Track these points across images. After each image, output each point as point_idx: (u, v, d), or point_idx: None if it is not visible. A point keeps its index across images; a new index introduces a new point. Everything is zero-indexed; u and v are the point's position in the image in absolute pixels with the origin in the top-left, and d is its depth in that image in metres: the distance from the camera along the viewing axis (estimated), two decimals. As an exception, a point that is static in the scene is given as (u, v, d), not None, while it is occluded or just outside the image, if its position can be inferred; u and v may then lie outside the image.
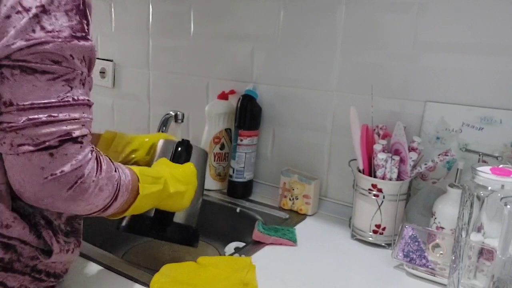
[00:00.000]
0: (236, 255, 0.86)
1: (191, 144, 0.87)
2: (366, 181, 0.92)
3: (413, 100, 0.97)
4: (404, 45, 0.96)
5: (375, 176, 0.92)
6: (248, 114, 1.14)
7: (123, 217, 0.77)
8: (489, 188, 0.65)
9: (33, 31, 0.51)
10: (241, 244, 1.00)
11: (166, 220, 0.80)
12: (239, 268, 0.78)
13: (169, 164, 0.80)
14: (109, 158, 0.63)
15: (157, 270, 0.76)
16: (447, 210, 0.85)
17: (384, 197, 0.91)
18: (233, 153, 1.16)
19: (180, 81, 1.36)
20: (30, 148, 0.52)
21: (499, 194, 0.63)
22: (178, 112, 1.14)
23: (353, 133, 0.94)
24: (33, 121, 0.52)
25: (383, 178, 0.91)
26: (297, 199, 1.09)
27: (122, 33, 1.47)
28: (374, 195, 0.91)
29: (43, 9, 0.52)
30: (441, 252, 0.84)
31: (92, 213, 0.62)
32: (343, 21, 1.03)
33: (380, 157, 0.90)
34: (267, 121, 1.19)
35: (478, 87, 0.90)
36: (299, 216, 1.07)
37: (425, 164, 0.90)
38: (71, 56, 0.54)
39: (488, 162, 0.86)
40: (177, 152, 0.85)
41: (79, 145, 0.55)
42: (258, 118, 1.17)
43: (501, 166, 0.69)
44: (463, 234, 0.68)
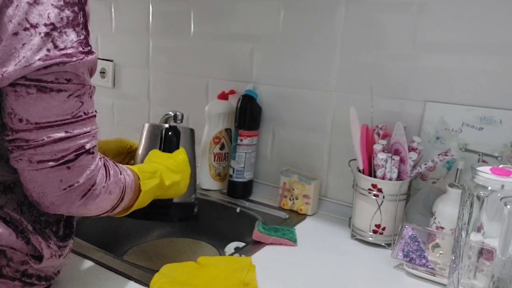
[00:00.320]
0: (236, 255, 0.86)
1: (178, 129, 0.89)
2: (366, 181, 0.92)
3: (413, 100, 0.97)
4: (404, 45, 0.96)
5: (375, 176, 0.92)
6: (248, 114, 1.14)
7: None
8: (489, 188, 0.65)
9: (48, 51, 0.52)
10: (241, 244, 1.00)
11: (166, 202, 0.84)
12: (239, 268, 0.78)
13: (161, 156, 0.84)
14: (113, 162, 0.66)
15: (157, 270, 0.76)
16: (447, 210, 0.85)
17: (384, 197, 0.91)
18: (233, 153, 1.16)
19: (180, 81, 1.36)
20: (51, 164, 0.54)
21: (499, 194, 0.63)
22: (178, 112, 1.13)
23: (353, 133, 0.94)
24: (52, 139, 0.54)
25: (383, 178, 0.91)
26: (297, 199, 1.09)
27: (122, 33, 1.47)
28: (374, 195, 0.91)
29: (54, 27, 0.52)
30: (441, 252, 0.84)
31: (101, 214, 0.65)
32: (343, 21, 1.03)
33: (380, 157, 0.90)
34: (267, 121, 1.19)
35: (478, 87, 0.90)
36: (299, 216, 1.07)
37: (425, 164, 0.90)
38: (82, 73, 0.56)
39: (488, 162, 0.86)
40: (167, 140, 0.86)
41: (91, 156, 0.58)
42: (258, 118, 1.17)
43: (501, 166, 0.69)
44: (463, 234, 0.68)
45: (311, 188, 1.07)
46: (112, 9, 1.47)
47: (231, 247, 1.02)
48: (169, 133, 0.87)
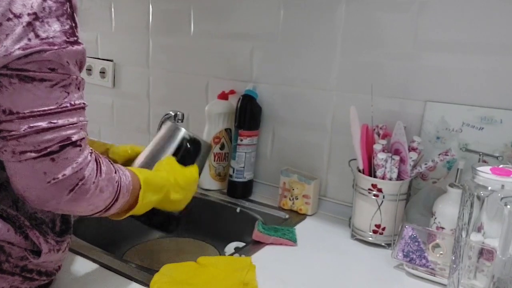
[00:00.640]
0: (236, 255, 0.86)
1: (200, 142, 0.86)
2: (366, 181, 0.92)
3: (413, 100, 0.97)
4: (404, 45, 0.96)
5: (375, 176, 0.92)
6: (248, 114, 1.14)
7: None
8: (489, 188, 0.65)
9: (29, 40, 0.51)
10: (241, 244, 1.00)
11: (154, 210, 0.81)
12: (239, 268, 0.78)
13: (175, 168, 0.80)
14: (109, 160, 0.64)
15: (157, 270, 0.76)
16: (447, 210, 0.85)
17: (384, 197, 0.91)
18: (233, 153, 1.16)
19: (180, 81, 1.36)
20: (33, 155, 0.53)
21: (499, 194, 0.63)
22: (178, 112, 1.14)
23: (353, 133, 0.94)
24: (35, 129, 0.53)
25: (383, 178, 0.91)
26: (297, 199, 1.09)
27: (122, 33, 1.47)
28: (374, 195, 0.91)
29: (36, 17, 0.52)
30: (441, 252, 0.84)
31: (94, 214, 0.63)
32: (343, 20, 1.03)
33: (380, 157, 0.90)
34: (267, 121, 1.19)
35: (479, 87, 0.90)
36: (299, 216, 1.07)
37: (425, 164, 0.90)
38: (67, 62, 0.54)
39: (488, 162, 0.86)
40: (185, 151, 0.84)
41: (79, 148, 0.56)
42: (258, 118, 1.17)
43: (501, 166, 0.69)
44: (463, 234, 0.68)
45: (311, 188, 1.07)
46: (112, 9, 1.46)
47: (231, 247, 1.02)
48: (189, 146, 0.84)
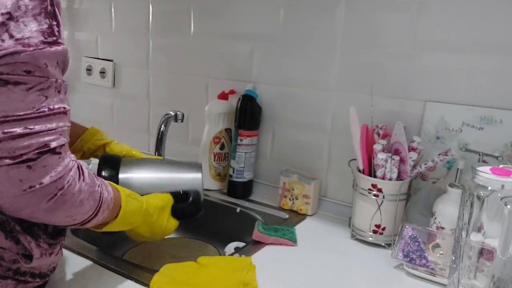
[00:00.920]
0: (236, 255, 0.86)
1: (201, 209, 0.85)
2: (366, 181, 0.92)
3: (413, 100, 0.97)
4: (404, 45, 0.96)
5: (375, 176, 0.92)
6: (248, 114, 1.14)
7: None
8: (489, 188, 0.65)
9: (2, 41, 0.49)
10: (241, 244, 1.00)
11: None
12: (239, 268, 0.78)
13: (162, 214, 0.78)
14: (93, 173, 0.63)
15: (157, 270, 0.76)
16: (447, 210, 0.85)
17: (384, 197, 0.91)
18: (233, 153, 1.16)
19: (180, 81, 1.36)
20: (8, 162, 0.50)
21: (499, 194, 0.63)
22: (178, 112, 1.14)
23: (353, 133, 0.94)
24: (9, 135, 0.50)
25: (383, 178, 0.91)
26: (297, 199, 1.09)
27: (122, 33, 1.47)
28: (374, 195, 0.91)
29: (10, 16, 0.49)
30: (441, 252, 0.84)
31: (71, 225, 0.61)
32: (343, 20, 1.03)
33: (380, 157, 0.90)
34: (267, 121, 1.19)
35: (478, 87, 0.90)
36: (299, 216, 1.07)
37: (425, 164, 0.90)
38: (45, 64, 0.52)
39: (488, 162, 0.86)
40: (184, 205, 0.83)
41: (58, 156, 0.54)
42: (258, 118, 1.17)
43: (501, 166, 0.69)
44: (463, 234, 0.68)
45: (311, 188, 1.07)
46: (112, 9, 1.47)
47: (231, 247, 1.02)
48: (191, 202, 0.84)
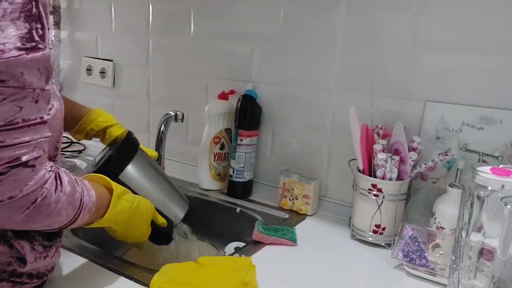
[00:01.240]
0: (236, 255, 0.86)
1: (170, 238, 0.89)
2: (366, 181, 0.92)
3: (413, 100, 0.97)
4: (404, 45, 0.96)
5: (375, 176, 0.92)
6: (248, 114, 1.14)
7: None
8: (489, 188, 0.65)
9: None
10: (241, 244, 1.00)
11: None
12: (239, 268, 0.78)
13: (142, 219, 0.78)
14: (75, 179, 0.60)
15: (157, 270, 0.76)
16: (447, 210, 0.85)
17: (384, 197, 0.91)
18: (233, 153, 1.16)
19: (180, 81, 1.36)
20: None
21: (499, 194, 0.63)
22: (178, 112, 1.14)
23: (353, 133, 0.94)
24: None
25: (383, 178, 0.91)
26: (297, 199, 1.09)
27: (122, 33, 1.47)
28: (374, 195, 0.91)
29: None
30: (441, 252, 0.84)
31: (48, 230, 0.60)
32: (343, 20, 1.03)
33: (380, 157, 0.90)
34: (267, 121, 1.19)
35: (478, 87, 0.90)
36: (299, 216, 1.07)
37: (425, 164, 0.90)
38: (21, 73, 0.49)
39: (488, 162, 0.86)
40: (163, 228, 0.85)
41: (31, 169, 0.51)
42: (258, 118, 1.17)
43: (501, 166, 0.69)
44: (463, 234, 0.68)
45: (311, 188, 1.07)
46: (112, 9, 1.47)
47: (231, 247, 1.02)
48: (169, 223, 0.86)
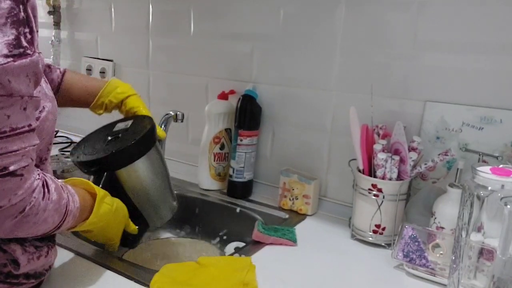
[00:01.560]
0: (236, 255, 0.86)
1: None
2: (366, 181, 0.92)
3: (413, 100, 0.97)
4: (404, 45, 0.96)
5: (375, 176, 0.92)
6: (248, 114, 1.14)
7: None
8: (489, 188, 0.65)
9: None
10: (241, 244, 1.00)
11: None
12: (239, 268, 0.78)
13: (120, 221, 0.78)
14: (61, 186, 0.60)
15: (157, 270, 0.76)
16: (447, 210, 0.85)
17: (384, 197, 0.91)
18: (233, 153, 1.16)
19: (180, 81, 1.36)
20: None
21: (499, 194, 0.63)
22: (178, 112, 1.14)
23: (353, 133, 0.94)
24: None
25: (383, 178, 0.91)
26: (297, 199, 1.09)
27: (122, 33, 1.47)
28: (374, 195, 0.91)
29: None
30: (441, 252, 0.84)
31: (33, 237, 0.60)
32: (343, 20, 1.03)
33: (380, 157, 0.90)
34: (267, 121, 1.19)
35: (478, 87, 0.90)
36: (299, 216, 1.07)
37: (425, 164, 0.90)
38: (8, 81, 0.47)
39: (488, 162, 0.86)
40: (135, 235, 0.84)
41: (19, 178, 0.51)
42: (258, 118, 1.17)
43: (501, 166, 0.69)
44: (463, 234, 0.68)
45: (311, 188, 1.07)
46: (112, 9, 1.47)
47: (231, 247, 1.02)
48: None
